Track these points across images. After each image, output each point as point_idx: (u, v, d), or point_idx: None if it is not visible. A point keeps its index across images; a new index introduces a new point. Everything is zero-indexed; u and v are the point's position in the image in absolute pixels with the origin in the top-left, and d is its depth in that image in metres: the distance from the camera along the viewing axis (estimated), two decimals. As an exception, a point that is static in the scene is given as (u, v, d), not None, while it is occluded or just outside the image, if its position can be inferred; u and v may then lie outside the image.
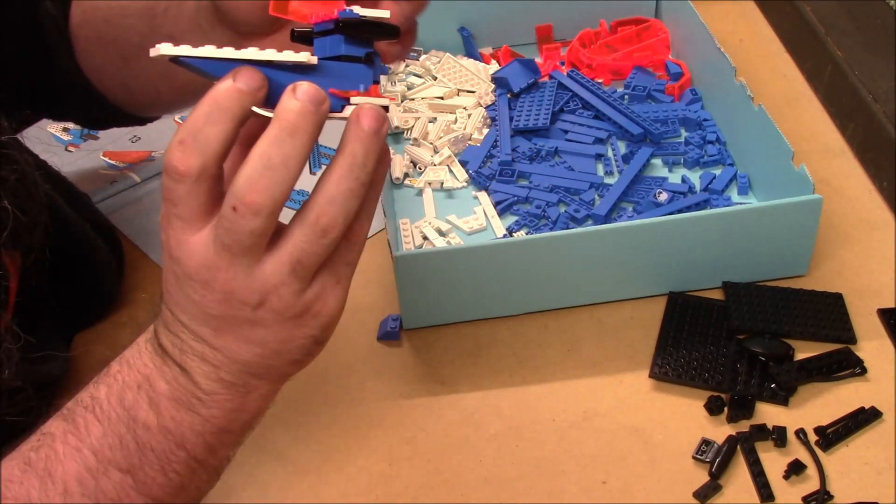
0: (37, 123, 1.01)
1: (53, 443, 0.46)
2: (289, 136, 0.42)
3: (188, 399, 0.47)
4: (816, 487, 0.60)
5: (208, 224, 0.44)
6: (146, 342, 0.48)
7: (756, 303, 0.70)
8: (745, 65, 0.91)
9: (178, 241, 0.44)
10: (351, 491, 0.63)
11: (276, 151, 0.42)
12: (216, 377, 0.47)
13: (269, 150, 0.42)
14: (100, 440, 0.46)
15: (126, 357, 0.48)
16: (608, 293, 0.73)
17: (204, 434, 0.48)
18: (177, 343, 0.47)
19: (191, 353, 0.47)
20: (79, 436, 0.46)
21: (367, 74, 0.47)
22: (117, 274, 0.77)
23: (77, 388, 0.48)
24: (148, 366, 0.47)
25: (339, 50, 0.46)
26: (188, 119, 0.42)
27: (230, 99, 0.42)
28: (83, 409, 0.47)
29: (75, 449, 0.46)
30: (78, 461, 0.45)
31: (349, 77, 0.47)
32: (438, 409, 0.67)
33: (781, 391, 0.65)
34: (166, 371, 0.47)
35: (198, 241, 0.44)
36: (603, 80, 0.94)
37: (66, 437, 0.46)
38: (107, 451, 0.46)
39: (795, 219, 0.70)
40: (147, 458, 0.46)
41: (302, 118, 0.42)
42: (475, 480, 0.63)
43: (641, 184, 0.82)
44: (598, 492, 0.61)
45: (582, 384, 0.68)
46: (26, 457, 0.46)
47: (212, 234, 0.43)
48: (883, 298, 0.71)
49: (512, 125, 0.89)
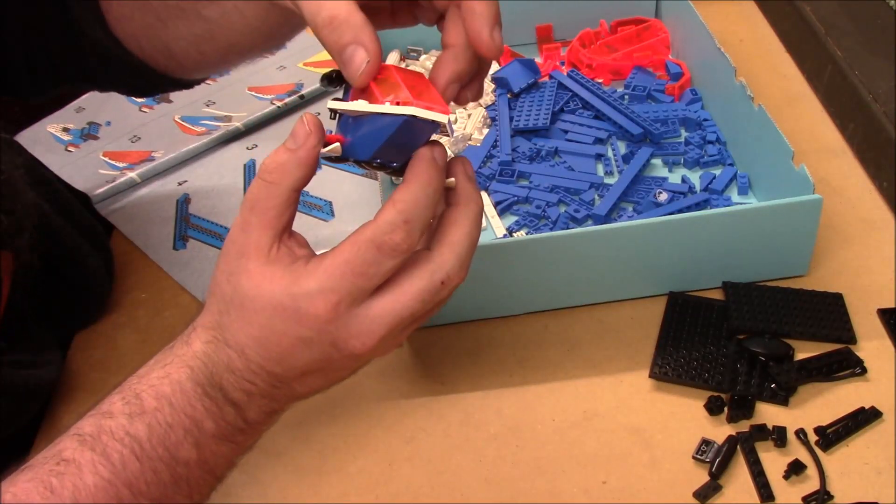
0: (37, 123, 1.01)
1: (80, 472, 0.45)
2: (481, 217, 0.49)
3: (231, 433, 0.49)
4: (816, 487, 0.60)
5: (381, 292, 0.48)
6: (193, 383, 0.48)
7: (756, 303, 0.70)
8: (745, 65, 0.91)
9: (337, 311, 0.47)
10: (351, 491, 0.63)
11: (477, 234, 0.48)
12: (269, 410, 0.50)
13: (474, 233, 0.48)
14: (136, 476, 0.46)
15: (166, 394, 0.47)
16: (608, 293, 0.73)
17: (233, 457, 0.50)
18: (246, 387, 0.48)
19: (258, 394, 0.49)
20: (113, 470, 0.45)
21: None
22: (107, 278, 0.77)
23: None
24: (196, 408, 0.48)
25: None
26: (410, 197, 0.46)
27: (440, 181, 0.48)
28: (118, 443, 0.46)
29: (108, 482, 0.45)
30: (110, 494, 0.45)
31: None
32: (438, 409, 0.67)
33: (781, 391, 0.65)
34: (215, 411, 0.48)
35: (375, 310, 0.47)
36: (603, 80, 0.94)
37: (96, 467, 0.45)
38: (142, 486, 0.46)
39: (795, 219, 0.70)
40: (180, 488, 0.47)
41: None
42: (475, 480, 0.63)
43: (641, 184, 0.82)
44: (598, 492, 0.61)
45: (582, 384, 0.68)
46: (47, 482, 0.45)
47: (389, 301, 0.47)
48: (883, 298, 0.71)
49: (512, 125, 0.89)
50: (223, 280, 0.48)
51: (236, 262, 0.48)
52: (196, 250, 0.82)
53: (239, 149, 0.94)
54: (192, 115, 0.98)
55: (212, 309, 0.49)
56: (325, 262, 0.47)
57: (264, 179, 0.47)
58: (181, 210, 0.87)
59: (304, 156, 0.47)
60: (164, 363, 0.49)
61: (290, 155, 0.47)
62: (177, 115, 0.99)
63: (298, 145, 0.47)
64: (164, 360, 0.49)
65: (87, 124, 1.00)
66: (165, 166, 0.92)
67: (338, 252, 0.47)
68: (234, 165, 0.92)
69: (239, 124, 0.95)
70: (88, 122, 1.00)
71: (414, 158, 0.48)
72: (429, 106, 0.47)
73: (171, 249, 0.83)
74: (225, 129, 0.95)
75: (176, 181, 0.91)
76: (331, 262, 0.46)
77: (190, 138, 0.95)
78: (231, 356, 0.48)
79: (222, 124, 0.96)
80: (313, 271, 0.47)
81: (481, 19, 0.48)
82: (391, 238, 0.46)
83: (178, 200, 0.88)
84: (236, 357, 0.48)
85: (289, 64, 1.03)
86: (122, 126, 0.98)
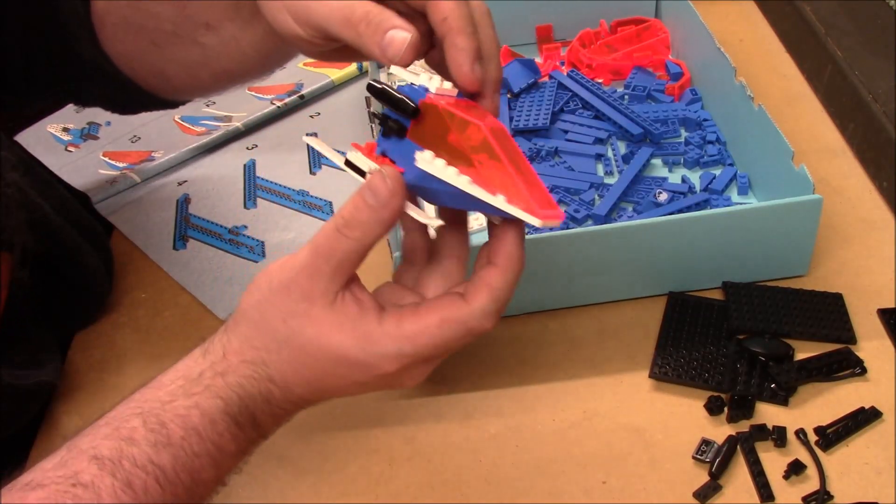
0: (37, 123, 1.01)
1: (100, 497, 0.45)
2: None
3: (248, 447, 0.50)
4: (816, 487, 0.60)
5: None
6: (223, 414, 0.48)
7: (756, 303, 0.70)
8: (745, 65, 0.91)
9: (407, 369, 0.49)
10: (351, 491, 0.63)
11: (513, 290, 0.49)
12: (284, 422, 0.51)
13: (510, 296, 0.49)
14: (156, 500, 0.46)
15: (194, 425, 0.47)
16: (608, 293, 0.73)
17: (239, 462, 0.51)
18: (277, 413, 0.50)
19: (285, 416, 0.50)
20: (135, 497, 0.45)
21: None
22: (106, 278, 0.77)
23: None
24: (223, 436, 0.48)
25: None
26: (505, 286, 0.48)
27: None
28: (141, 471, 0.46)
29: None
30: None
31: None
32: (438, 409, 0.67)
33: (781, 391, 0.65)
34: (240, 436, 0.49)
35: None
36: (603, 80, 0.94)
37: (118, 494, 0.45)
38: None
39: (795, 219, 0.70)
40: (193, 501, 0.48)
41: None
42: (475, 480, 0.63)
43: (641, 184, 0.82)
44: (598, 492, 0.61)
45: (582, 384, 0.68)
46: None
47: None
48: (883, 298, 0.71)
49: (512, 125, 0.89)
50: (277, 319, 0.48)
51: (298, 306, 0.48)
52: (196, 250, 0.82)
53: (239, 149, 0.94)
54: (192, 115, 0.98)
55: (254, 343, 0.49)
56: (405, 327, 0.47)
57: (343, 234, 0.47)
58: (181, 210, 0.87)
59: (389, 217, 0.47)
60: (191, 392, 0.48)
61: (372, 214, 0.47)
62: (177, 116, 0.98)
63: (381, 204, 0.46)
64: (192, 390, 0.48)
65: (87, 124, 1.00)
66: (165, 166, 0.92)
67: (422, 322, 0.47)
68: (234, 165, 0.92)
69: (239, 124, 0.95)
70: (88, 122, 1.00)
71: (507, 243, 0.48)
72: (536, 204, 0.46)
73: (171, 249, 0.83)
74: (225, 130, 0.95)
75: (176, 181, 0.91)
76: (414, 331, 0.47)
77: (190, 138, 0.95)
78: (272, 389, 0.49)
79: (222, 124, 0.96)
80: (392, 334, 0.47)
81: (462, 54, 0.48)
82: (482, 325, 0.48)
83: (178, 200, 0.88)
84: (278, 391, 0.49)
85: (289, 64, 1.03)
86: (122, 126, 0.98)
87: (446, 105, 0.48)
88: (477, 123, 0.46)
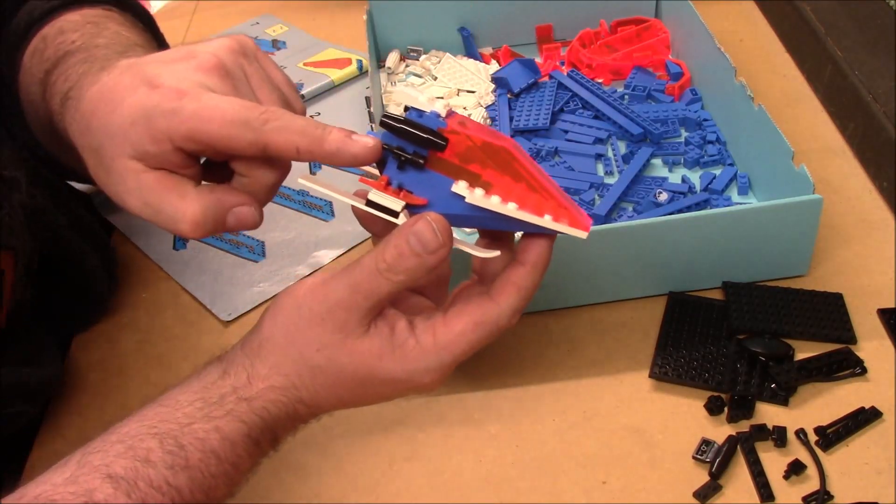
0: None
1: None
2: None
3: (261, 460, 0.50)
4: (816, 487, 0.60)
5: None
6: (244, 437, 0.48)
7: (756, 303, 0.70)
8: (745, 65, 0.91)
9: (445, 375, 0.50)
10: (351, 491, 0.63)
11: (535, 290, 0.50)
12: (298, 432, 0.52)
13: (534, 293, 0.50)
14: None
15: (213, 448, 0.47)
16: (608, 293, 0.73)
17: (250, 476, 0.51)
18: (299, 427, 0.51)
19: (303, 427, 0.51)
20: None
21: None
22: (107, 279, 0.77)
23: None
24: (241, 457, 0.48)
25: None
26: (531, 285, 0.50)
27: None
28: (157, 492, 0.45)
29: None
30: None
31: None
32: (438, 409, 0.67)
33: (781, 391, 0.65)
34: (257, 454, 0.49)
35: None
36: (603, 80, 0.94)
37: None
38: None
39: (795, 219, 0.70)
40: None
41: None
42: (475, 480, 0.63)
43: (641, 184, 0.82)
44: (598, 492, 0.61)
45: (582, 384, 0.68)
46: None
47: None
48: (883, 298, 0.71)
49: (512, 125, 0.89)
50: (311, 349, 0.48)
51: (333, 337, 0.48)
52: (196, 250, 0.82)
53: (239, 149, 0.94)
54: (192, 115, 0.98)
55: (284, 371, 0.49)
56: (441, 338, 0.48)
57: (386, 277, 0.47)
58: (181, 210, 0.87)
59: (434, 263, 0.47)
60: (211, 416, 0.48)
61: (419, 262, 0.47)
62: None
63: (429, 251, 0.47)
64: (212, 413, 0.48)
65: (87, 124, 1.00)
66: (166, 166, 0.92)
67: (456, 329, 0.49)
68: (234, 165, 0.91)
69: (239, 124, 0.95)
70: (88, 122, 1.00)
71: (538, 245, 0.49)
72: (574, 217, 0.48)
73: (171, 249, 0.83)
74: (225, 130, 0.95)
75: (176, 181, 0.90)
76: (450, 340, 0.48)
77: (190, 138, 0.94)
78: (299, 409, 0.50)
79: (222, 124, 0.96)
80: (430, 348, 0.48)
81: (335, 143, 0.48)
82: (510, 322, 0.49)
83: (178, 200, 0.88)
84: (305, 409, 0.50)
85: (289, 64, 1.03)
86: (122, 126, 0.98)
87: (470, 131, 0.48)
88: (503, 146, 0.47)
